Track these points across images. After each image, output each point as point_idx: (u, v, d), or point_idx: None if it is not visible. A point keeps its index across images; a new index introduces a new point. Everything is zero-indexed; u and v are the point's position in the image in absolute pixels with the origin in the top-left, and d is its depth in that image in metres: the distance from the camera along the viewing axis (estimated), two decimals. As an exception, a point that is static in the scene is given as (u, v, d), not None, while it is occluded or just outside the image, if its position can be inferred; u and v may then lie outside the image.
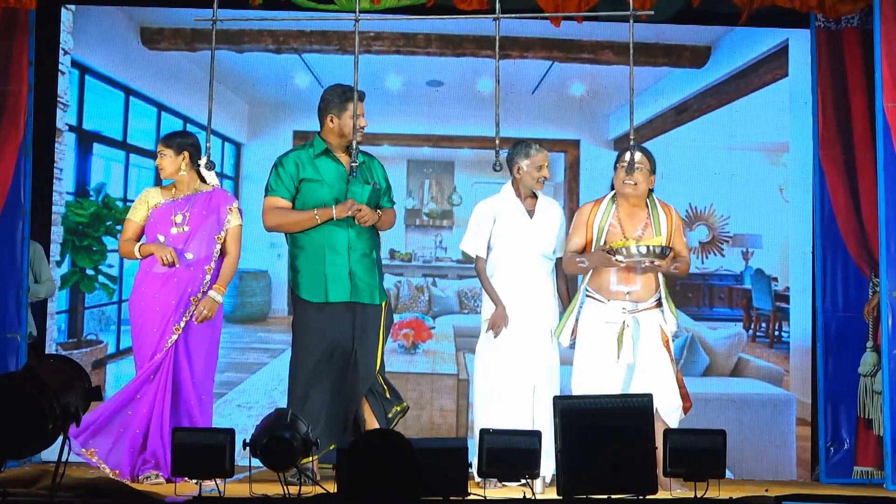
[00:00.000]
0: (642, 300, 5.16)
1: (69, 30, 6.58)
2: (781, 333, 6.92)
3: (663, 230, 5.20)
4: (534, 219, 5.37)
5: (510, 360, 5.26)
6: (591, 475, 4.27)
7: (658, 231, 5.20)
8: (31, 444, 3.56)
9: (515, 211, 5.37)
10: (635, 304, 5.16)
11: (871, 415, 6.01)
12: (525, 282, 5.32)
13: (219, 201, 5.27)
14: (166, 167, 5.28)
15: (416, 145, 7.25)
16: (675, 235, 5.24)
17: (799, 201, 6.72)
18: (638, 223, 5.23)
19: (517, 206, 5.38)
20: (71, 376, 3.72)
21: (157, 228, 5.21)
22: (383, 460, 2.83)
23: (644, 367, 5.12)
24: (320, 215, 5.05)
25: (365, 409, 5.14)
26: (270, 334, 7.00)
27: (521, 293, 5.31)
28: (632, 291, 5.15)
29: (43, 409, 3.43)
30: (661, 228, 5.21)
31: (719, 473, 4.49)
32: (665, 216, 5.25)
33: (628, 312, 5.14)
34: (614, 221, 5.25)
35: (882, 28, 5.52)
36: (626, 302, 5.15)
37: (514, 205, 5.38)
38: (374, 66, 6.80)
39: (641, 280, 5.16)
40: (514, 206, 5.38)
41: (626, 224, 5.23)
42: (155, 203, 5.26)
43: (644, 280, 5.16)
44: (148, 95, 6.95)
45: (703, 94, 7.02)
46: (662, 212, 5.26)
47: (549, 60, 7.00)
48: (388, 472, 2.81)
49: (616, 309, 5.15)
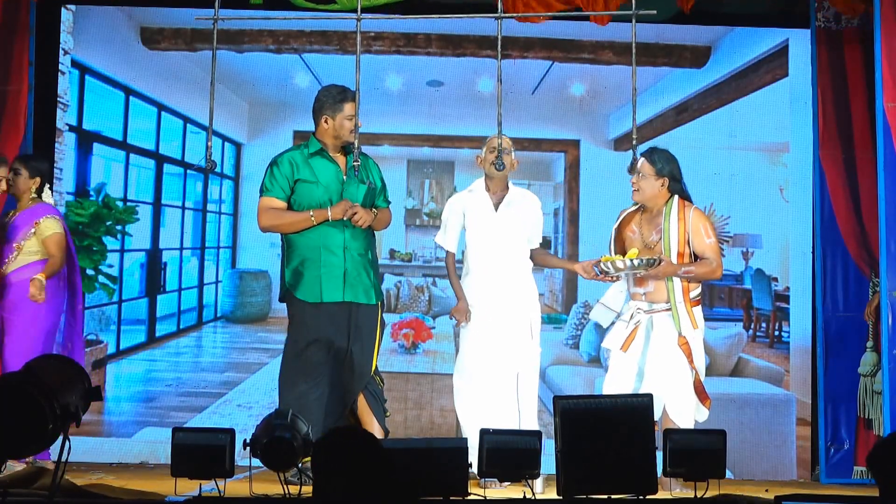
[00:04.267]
0: (657, 301, 5.18)
1: (69, 30, 6.58)
2: (781, 333, 6.93)
3: (673, 235, 5.18)
4: (499, 211, 5.38)
5: (491, 352, 5.28)
6: (591, 475, 4.27)
7: (667, 237, 5.18)
8: (31, 444, 3.55)
9: (482, 205, 5.40)
10: (650, 305, 5.20)
11: (871, 415, 6.02)
12: (496, 274, 5.35)
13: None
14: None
15: (416, 145, 7.25)
16: (692, 238, 5.18)
17: (799, 201, 6.72)
18: (654, 229, 5.24)
19: (484, 200, 5.40)
20: (71, 376, 3.72)
21: None
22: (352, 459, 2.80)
23: (655, 368, 5.13)
24: (316, 216, 5.04)
25: (362, 410, 5.13)
26: (270, 334, 7.01)
27: (493, 285, 5.34)
28: (647, 293, 5.21)
29: (43, 409, 3.43)
30: (671, 234, 5.18)
31: (719, 473, 4.49)
32: (678, 221, 5.19)
33: (644, 312, 5.20)
34: (635, 228, 5.27)
35: (882, 28, 5.52)
36: (642, 302, 5.22)
37: (482, 198, 5.40)
38: (374, 66, 6.80)
39: (655, 282, 5.18)
40: (482, 199, 5.40)
41: (644, 230, 5.25)
42: None
43: (659, 282, 5.18)
44: (148, 95, 6.95)
45: (703, 94, 7.02)
46: (676, 216, 5.20)
47: (549, 60, 7.00)
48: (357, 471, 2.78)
49: (632, 308, 5.25)
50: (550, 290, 7.48)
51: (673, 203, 5.23)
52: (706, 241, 5.18)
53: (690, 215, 5.20)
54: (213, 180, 7.43)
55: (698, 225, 5.18)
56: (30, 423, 3.44)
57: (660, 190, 5.22)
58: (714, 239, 5.20)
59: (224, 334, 7.29)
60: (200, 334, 7.34)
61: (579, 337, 7.09)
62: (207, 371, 6.99)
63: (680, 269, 5.12)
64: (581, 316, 7.13)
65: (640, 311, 5.21)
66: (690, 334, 5.16)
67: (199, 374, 6.94)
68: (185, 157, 7.27)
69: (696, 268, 5.15)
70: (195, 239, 7.49)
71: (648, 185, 5.21)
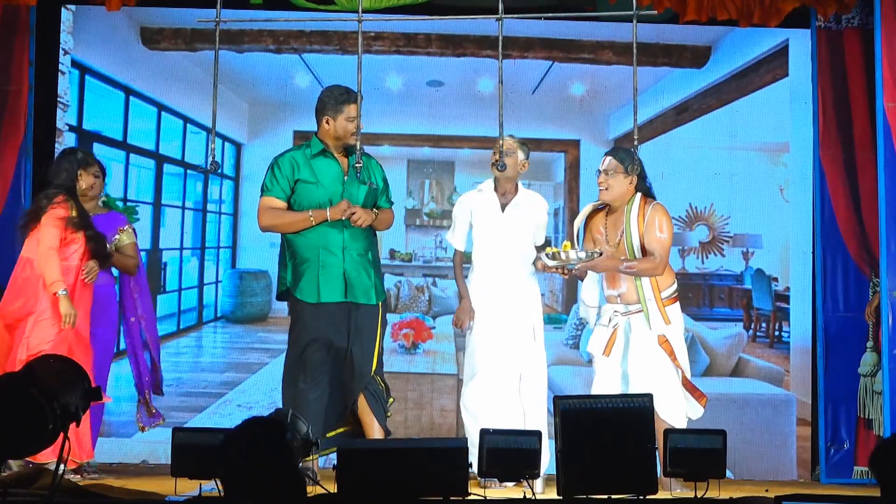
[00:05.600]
0: (632, 302, 5.17)
1: (69, 30, 6.58)
2: (781, 333, 6.93)
3: (634, 233, 5.14)
4: (505, 212, 5.38)
5: (494, 353, 5.28)
6: (591, 475, 4.27)
7: (629, 235, 5.15)
8: (31, 444, 3.55)
9: (489, 205, 5.40)
10: (626, 307, 5.18)
11: (871, 415, 6.02)
12: (501, 275, 5.35)
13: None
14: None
15: (417, 145, 7.25)
16: (646, 232, 5.11)
17: (799, 201, 6.72)
18: (618, 228, 5.22)
19: (492, 200, 5.40)
20: (71, 376, 3.71)
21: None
22: (259, 450, 2.72)
23: (638, 370, 5.13)
24: (315, 217, 5.04)
25: (363, 410, 5.13)
26: (270, 334, 7.01)
27: (498, 286, 5.34)
28: (620, 294, 5.19)
29: (43, 409, 3.43)
30: (633, 231, 5.14)
31: (719, 473, 4.49)
32: (637, 217, 5.13)
33: (620, 315, 5.19)
34: (602, 229, 5.26)
35: (882, 28, 5.52)
36: (618, 304, 5.21)
37: (490, 198, 5.40)
38: (374, 66, 6.80)
39: (627, 283, 5.16)
40: (489, 199, 5.40)
41: (609, 231, 5.23)
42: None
43: (630, 282, 5.15)
44: (148, 95, 6.95)
45: (703, 94, 7.02)
46: (637, 213, 5.14)
47: (550, 60, 7.00)
48: (264, 463, 2.70)
49: (609, 311, 5.24)
50: (550, 290, 7.48)
51: (634, 200, 5.18)
52: (657, 234, 5.10)
53: (649, 210, 5.15)
54: (214, 180, 7.42)
55: (654, 219, 5.12)
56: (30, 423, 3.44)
57: (628, 188, 5.19)
58: (667, 235, 5.10)
59: (224, 334, 7.29)
60: (200, 334, 7.34)
61: (579, 337, 7.09)
62: (207, 371, 6.99)
63: (621, 264, 5.06)
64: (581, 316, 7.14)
65: (617, 313, 5.20)
66: (668, 332, 5.13)
67: (199, 375, 6.94)
68: (185, 158, 7.26)
69: (638, 263, 5.06)
70: (195, 239, 7.49)
71: (618, 182, 5.17)
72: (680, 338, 5.22)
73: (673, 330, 5.16)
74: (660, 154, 6.78)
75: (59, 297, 5.09)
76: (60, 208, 5.19)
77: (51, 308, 5.12)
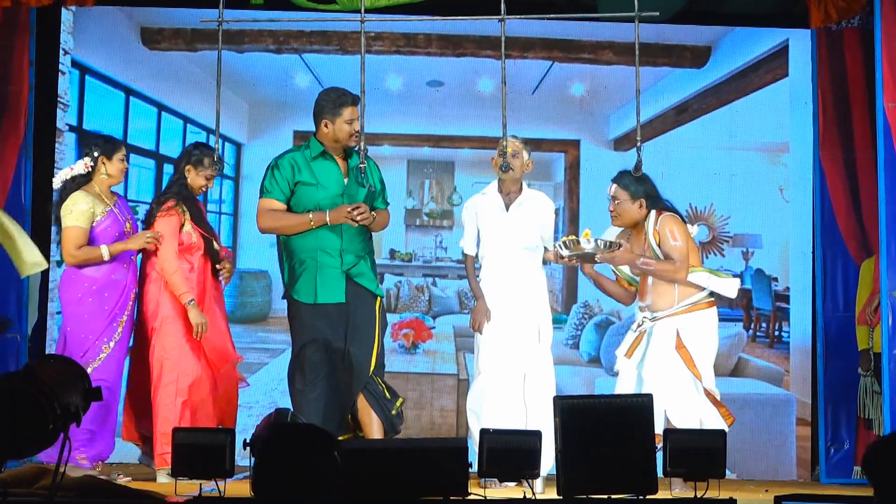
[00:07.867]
0: (659, 310, 5.20)
1: (69, 30, 6.58)
2: (781, 333, 6.93)
3: (657, 248, 5.17)
4: (509, 212, 5.38)
5: (498, 353, 5.28)
6: (591, 475, 4.27)
7: (654, 252, 5.17)
8: (31, 444, 3.55)
9: (493, 205, 5.40)
10: (654, 314, 5.22)
11: (871, 415, 6.02)
12: (507, 275, 5.35)
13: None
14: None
15: (417, 145, 7.25)
16: (662, 243, 5.16)
17: (799, 201, 6.72)
18: (641, 246, 5.24)
19: (496, 200, 5.40)
20: (71, 376, 3.72)
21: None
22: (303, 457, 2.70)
23: (651, 373, 5.13)
24: (315, 220, 5.03)
25: (362, 411, 5.13)
26: (270, 334, 7.00)
27: (504, 286, 5.34)
28: (648, 305, 5.24)
29: (43, 409, 3.43)
30: (654, 247, 5.17)
31: (719, 473, 4.48)
32: (653, 235, 5.17)
33: (649, 321, 5.23)
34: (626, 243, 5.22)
35: (882, 28, 5.52)
36: (647, 312, 5.26)
37: (494, 199, 5.41)
38: (374, 66, 6.78)
39: (651, 295, 5.20)
40: (494, 200, 5.40)
41: (635, 248, 5.24)
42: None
43: (655, 294, 5.19)
44: (148, 95, 6.95)
45: (703, 94, 7.02)
46: (653, 229, 5.17)
47: (550, 60, 7.00)
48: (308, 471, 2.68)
49: (639, 316, 5.31)
50: (551, 290, 7.41)
51: (650, 217, 5.22)
52: (672, 243, 5.13)
53: (659, 225, 5.18)
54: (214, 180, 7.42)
55: (665, 232, 5.15)
56: (30, 423, 3.44)
57: (639, 212, 5.22)
58: (682, 241, 5.12)
59: (224, 334, 7.30)
60: (200, 334, 7.32)
61: (579, 337, 7.10)
62: (207, 371, 6.98)
63: (639, 259, 5.12)
64: (581, 316, 7.13)
65: (646, 319, 5.25)
66: (687, 338, 5.13)
67: (199, 374, 6.93)
68: (185, 158, 7.26)
69: (657, 263, 5.11)
70: (195, 239, 7.47)
71: (626, 209, 5.22)
72: (703, 347, 5.16)
73: (694, 337, 5.14)
74: (660, 154, 6.78)
75: (188, 307, 5.20)
76: (171, 215, 5.29)
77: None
